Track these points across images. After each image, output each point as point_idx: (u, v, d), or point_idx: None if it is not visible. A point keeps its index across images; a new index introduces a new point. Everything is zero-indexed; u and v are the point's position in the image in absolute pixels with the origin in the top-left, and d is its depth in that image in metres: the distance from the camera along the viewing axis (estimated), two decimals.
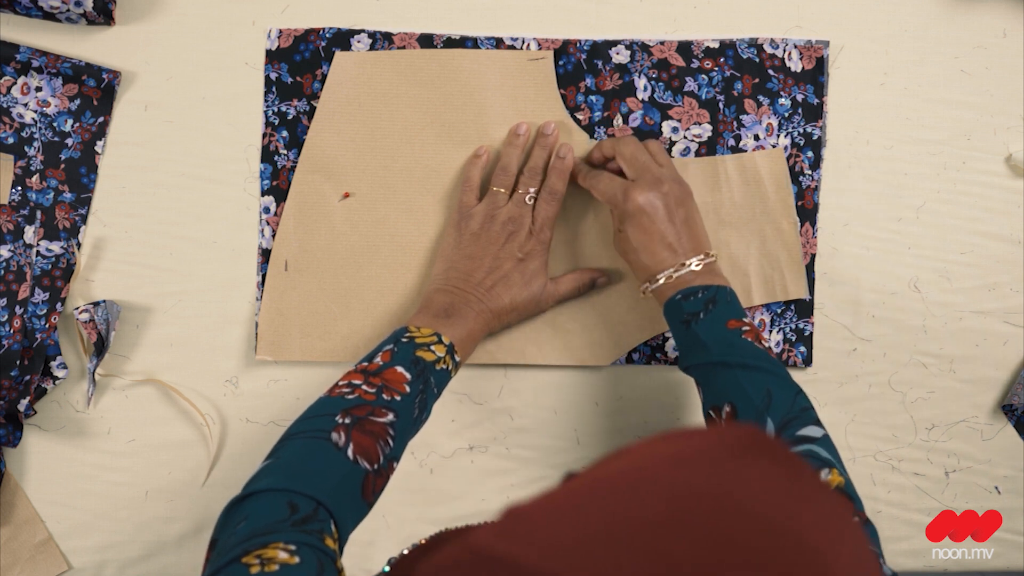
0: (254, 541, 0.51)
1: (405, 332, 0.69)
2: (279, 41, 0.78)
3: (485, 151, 0.77)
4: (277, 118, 0.78)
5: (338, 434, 0.60)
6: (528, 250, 0.74)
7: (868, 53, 0.80)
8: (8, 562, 0.79)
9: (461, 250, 0.74)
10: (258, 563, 0.49)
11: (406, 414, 0.64)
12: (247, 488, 0.58)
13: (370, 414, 0.62)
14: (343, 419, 0.61)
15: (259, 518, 0.54)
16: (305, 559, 0.51)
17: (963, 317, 0.81)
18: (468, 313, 0.72)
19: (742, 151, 0.79)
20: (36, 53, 0.76)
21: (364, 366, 0.66)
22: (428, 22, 0.79)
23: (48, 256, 0.77)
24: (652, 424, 0.81)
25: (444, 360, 0.68)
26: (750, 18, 0.79)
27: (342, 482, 0.58)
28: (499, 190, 0.75)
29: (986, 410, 0.82)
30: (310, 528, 0.54)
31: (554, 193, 0.76)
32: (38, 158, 0.77)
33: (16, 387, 0.76)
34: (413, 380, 0.65)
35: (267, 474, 0.58)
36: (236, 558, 0.50)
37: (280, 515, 0.54)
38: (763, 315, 0.80)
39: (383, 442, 0.62)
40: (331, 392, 0.64)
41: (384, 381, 0.64)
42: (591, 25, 0.79)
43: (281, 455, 0.60)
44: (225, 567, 0.50)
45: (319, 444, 0.60)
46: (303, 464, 0.59)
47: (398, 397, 0.64)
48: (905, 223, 0.81)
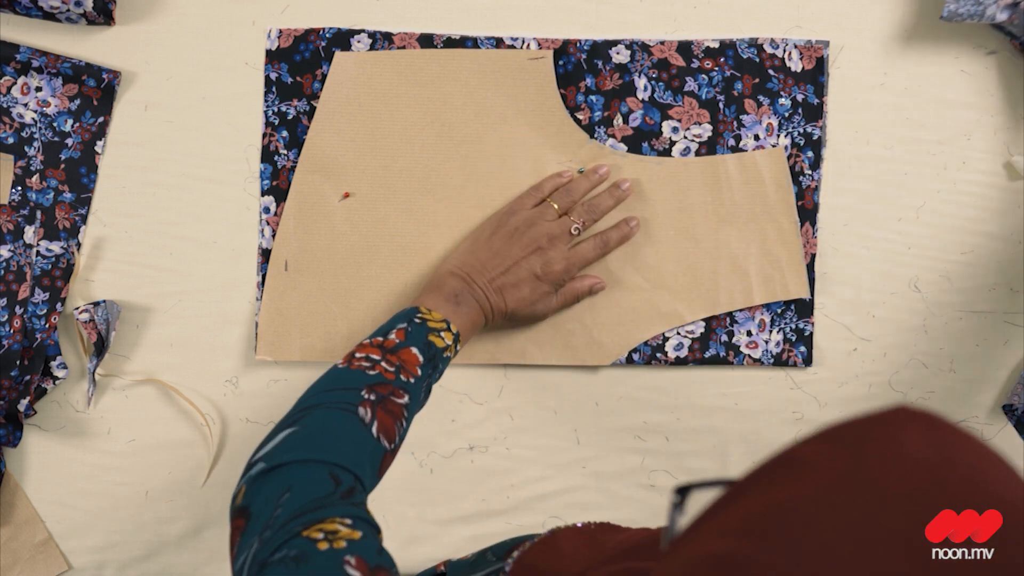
0: (311, 516, 0.51)
1: (417, 313, 0.68)
2: (279, 41, 0.78)
3: (569, 176, 0.77)
4: (277, 118, 0.78)
5: (364, 409, 0.59)
6: (549, 272, 0.74)
7: (868, 53, 0.80)
8: (8, 562, 0.79)
9: (490, 243, 0.74)
10: (323, 538, 0.49)
11: (416, 398, 0.64)
12: (274, 456, 0.56)
13: (391, 394, 0.62)
14: (368, 395, 0.60)
15: (306, 491, 0.53)
16: (365, 534, 0.50)
17: (963, 317, 0.81)
18: (473, 304, 0.72)
19: (742, 151, 0.79)
20: (36, 53, 0.76)
21: (380, 341, 0.65)
22: (428, 22, 0.78)
23: (48, 256, 0.77)
24: (652, 424, 0.81)
25: (450, 349, 0.68)
26: (750, 18, 0.79)
27: (369, 457, 0.58)
28: (554, 205, 0.75)
29: (986, 410, 0.82)
30: (357, 501, 0.54)
31: (604, 245, 0.77)
32: (38, 158, 0.77)
33: (16, 387, 0.76)
34: (424, 364, 0.65)
35: (297, 444, 0.57)
36: (296, 533, 0.50)
37: (326, 489, 0.53)
38: (763, 315, 0.80)
39: (399, 423, 0.61)
40: (349, 364, 0.63)
41: (401, 361, 0.64)
42: (591, 25, 0.79)
43: (308, 425, 0.59)
44: (289, 541, 0.49)
45: (347, 418, 0.59)
46: (336, 436, 0.58)
47: (412, 380, 0.64)
48: (905, 223, 0.81)
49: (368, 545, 0.50)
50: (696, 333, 0.80)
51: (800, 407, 0.81)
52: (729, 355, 0.80)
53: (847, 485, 0.33)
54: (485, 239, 0.75)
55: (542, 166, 0.78)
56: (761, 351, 0.80)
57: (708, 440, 0.81)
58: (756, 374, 0.81)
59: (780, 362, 0.80)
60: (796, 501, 0.33)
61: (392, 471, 0.81)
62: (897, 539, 0.31)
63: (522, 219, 0.74)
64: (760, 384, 0.81)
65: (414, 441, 0.81)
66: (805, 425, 0.81)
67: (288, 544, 0.49)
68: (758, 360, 0.80)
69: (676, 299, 0.79)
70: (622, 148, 0.79)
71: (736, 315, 0.80)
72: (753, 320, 0.80)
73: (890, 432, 0.34)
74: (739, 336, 0.80)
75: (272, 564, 0.49)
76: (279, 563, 0.48)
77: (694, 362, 0.80)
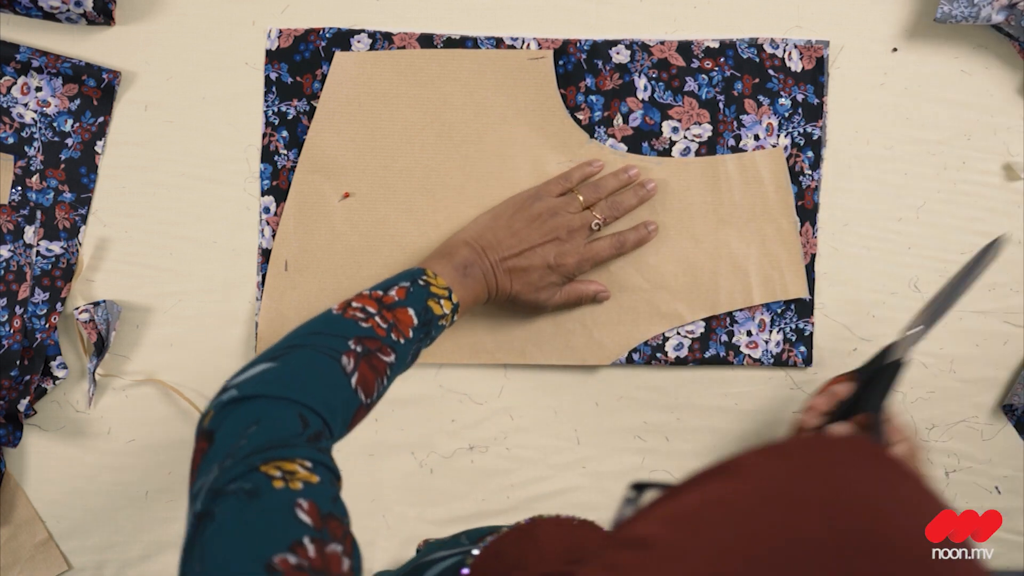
0: (273, 453, 0.50)
1: (423, 275, 0.68)
2: (279, 41, 0.78)
3: (600, 166, 0.77)
4: (277, 118, 0.78)
5: (348, 359, 0.59)
6: (561, 263, 0.74)
7: (868, 53, 0.80)
8: (8, 562, 0.79)
9: (511, 222, 0.74)
10: (280, 476, 0.49)
11: (402, 359, 0.64)
12: (247, 387, 0.56)
13: (378, 350, 0.61)
14: (355, 346, 0.60)
15: (273, 428, 0.53)
16: (323, 479, 0.50)
17: (963, 317, 0.81)
18: (480, 279, 0.71)
19: (742, 151, 0.79)
20: (36, 53, 0.76)
21: (379, 295, 0.65)
22: (428, 22, 0.79)
23: (48, 256, 0.77)
24: (652, 424, 0.81)
25: (447, 318, 0.68)
26: (750, 18, 0.79)
27: (342, 406, 0.58)
28: (579, 197, 0.76)
29: (986, 410, 0.82)
30: (322, 446, 0.53)
31: (621, 245, 0.77)
32: (38, 158, 0.77)
33: (16, 387, 0.76)
34: (418, 327, 0.65)
35: (273, 379, 0.56)
36: (255, 467, 0.49)
37: (294, 429, 0.53)
38: (763, 315, 0.80)
39: (380, 380, 0.61)
40: (344, 312, 0.63)
41: (395, 319, 0.64)
42: (591, 25, 0.79)
43: (289, 363, 0.58)
44: (246, 474, 0.49)
45: (329, 363, 0.58)
46: (313, 378, 0.57)
47: (402, 340, 0.63)
48: (905, 223, 0.81)
49: (324, 492, 0.49)
50: (696, 333, 0.80)
51: (800, 407, 0.81)
52: (729, 355, 0.80)
53: (774, 492, 0.35)
54: (506, 218, 0.74)
55: (542, 166, 0.78)
56: (761, 351, 0.80)
57: (708, 440, 0.81)
58: (756, 374, 0.81)
59: (780, 362, 0.80)
60: (725, 499, 0.36)
61: (392, 471, 0.81)
62: (810, 547, 0.33)
63: (546, 206, 0.74)
64: (760, 384, 0.81)
65: (414, 441, 0.81)
66: None
67: (245, 477, 0.49)
68: (758, 360, 0.80)
69: (676, 299, 0.79)
70: (622, 148, 0.79)
71: (736, 315, 0.80)
72: (753, 320, 0.80)
73: (830, 456, 0.36)
74: (739, 336, 0.80)
75: (226, 494, 0.48)
76: (232, 494, 0.48)
77: (694, 362, 0.80)
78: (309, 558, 0.45)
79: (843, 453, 0.36)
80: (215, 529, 0.47)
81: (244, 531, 0.47)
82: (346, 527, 0.49)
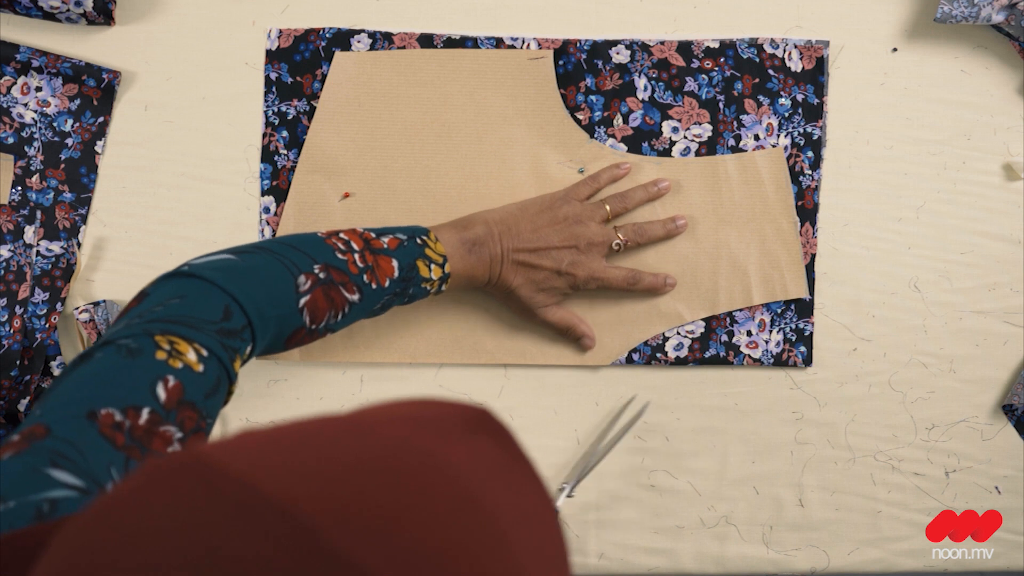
0: (175, 327, 0.51)
1: (423, 235, 0.68)
2: (279, 41, 0.78)
3: (627, 169, 0.77)
4: (277, 118, 0.78)
5: (305, 279, 0.59)
6: (572, 273, 0.74)
7: (868, 53, 0.80)
8: None
9: (535, 218, 0.74)
10: (167, 352, 0.49)
11: (369, 303, 0.64)
12: (196, 268, 0.56)
13: (343, 284, 0.61)
14: (319, 272, 0.60)
15: (192, 307, 0.53)
16: (208, 372, 0.50)
17: (963, 317, 0.81)
18: (484, 261, 0.71)
19: (742, 151, 0.79)
20: (36, 53, 0.76)
21: (370, 237, 0.65)
22: (428, 22, 0.79)
23: (48, 256, 0.77)
24: (652, 424, 0.81)
25: (432, 283, 0.68)
26: (750, 18, 0.79)
27: (278, 319, 0.58)
28: (606, 208, 0.75)
29: (986, 410, 0.82)
30: (229, 344, 0.53)
31: (634, 283, 0.76)
32: (38, 158, 0.77)
33: (16, 387, 0.76)
34: (396, 281, 0.65)
35: (221, 267, 0.57)
36: (151, 332, 0.50)
37: (211, 316, 0.53)
38: (763, 315, 0.80)
39: (333, 313, 0.61)
40: (327, 238, 0.63)
41: (375, 264, 0.64)
42: (591, 25, 0.79)
43: (246, 260, 0.58)
44: (138, 335, 0.50)
45: (284, 274, 0.59)
46: (259, 282, 0.57)
47: (374, 285, 0.64)
48: (905, 223, 0.81)
49: (199, 382, 0.49)
50: (696, 333, 0.80)
51: (800, 407, 0.81)
52: (729, 355, 0.80)
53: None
54: (532, 213, 0.74)
55: (542, 166, 0.78)
56: (761, 351, 0.80)
57: (708, 440, 0.81)
58: (756, 374, 0.81)
59: (780, 362, 0.80)
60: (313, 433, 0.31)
61: None
62: None
63: (573, 212, 0.74)
64: (760, 384, 0.81)
65: None
66: (805, 425, 0.81)
67: (137, 337, 0.50)
68: (758, 360, 0.80)
69: (676, 299, 0.79)
70: (622, 148, 0.79)
71: (736, 315, 0.80)
72: (753, 320, 0.80)
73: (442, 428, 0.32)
74: (739, 336, 0.80)
75: (111, 345, 0.49)
76: (115, 347, 0.49)
77: (694, 362, 0.80)
78: (136, 425, 0.45)
79: (453, 416, 0.32)
80: (80, 371, 0.48)
81: (99, 379, 0.47)
82: (201, 425, 0.49)
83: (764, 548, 0.81)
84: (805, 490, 0.81)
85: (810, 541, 0.81)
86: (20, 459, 0.42)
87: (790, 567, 0.81)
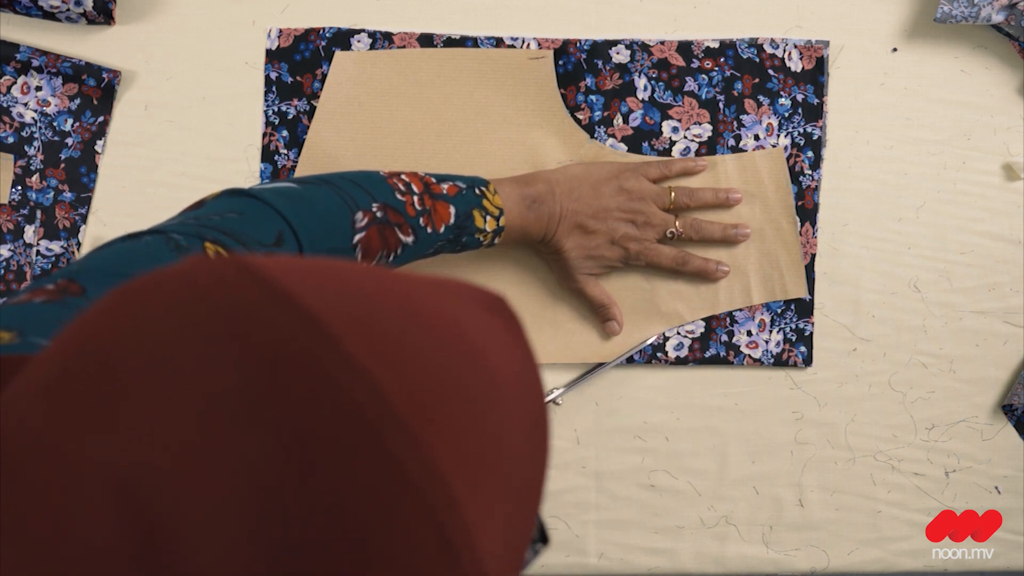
0: (228, 240, 0.51)
1: (483, 186, 0.68)
2: (279, 41, 0.78)
3: (703, 166, 0.77)
4: (277, 118, 0.78)
5: (363, 216, 0.59)
6: (623, 245, 0.74)
7: (868, 53, 0.80)
8: None
9: (599, 185, 0.74)
10: (214, 253, 0.48)
11: (422, 247, 0.64)
12: (258, 191, 0.56)
13: (398, 225, 0.61)
14: (377, 210, 0.60)
15: (248, 224, 0.53)
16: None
17: (963, 317, 0.81)
18: (542, 217, 0.71)
19: (742, 151, 0.79)
20: (36, 53, 0.76)
21: (431, 181, 0.65)
22: (428, 22, 0.79)
23: (48, 256, 0.77)
24: (652, 424, 0.81)
25: (486, 235, 0.68)
26: (750, 18, 0.79)
27: (330, 252, 0.58)
28: (672, 195, 0.76)
29: (986, 410, 0.82)
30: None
31: (683, 263, 0.76)
32: (38, 158, 0.77)
33: None
34: (450, 227, 0.65)
35: (284, 194, 0.57)
36: (203, 236, 0.50)
37: (264, 238, 0.53)
38: (763, 315, 0.80)
39: (386, 252, 0.61)
40: (389, 178, 0.63)
41: (433, 208, 0.63)
42: (591, 25, 0.79)
43: (307, 191, 0.58)
44: (190, 235, 0.50)
45: (342, 208, 0.58)
46: (316, 213, 0.57)
47: (429, 230, 0.63)
48: (905, 223, 0.81)
49: None
50: (696, 333, 0.80)
51: (800, 407, 0.81)
52: (729, 355, 0.80)
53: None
54: (597, 178, 0.74)
55: (542, 166, 0.78)
56: (761, 351, 0.80)
57: (708, 440, 0.81)
58: (756, 374, 0.81)
59: (780, 362, 0.80)
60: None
61: None
62: None
63: (638, 187, 0.74)
64: (760, 384, 0.81)
65: None
66: (805, 425, 0.81)
67: (189, 236, 0.50)
68: (758, 360, 0.80)
69: (676, 299, 0.79)
70: (622, 148, 0.79)
71: (736, 315, 0.80)
72: (753, 320, 0.80)
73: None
74: (739, 336, 0.80)
75: (162, 235, 0.49)
76: (166, 237, 0.49)
77: (694, 362, 0.80)
78: None
79: (470, 294, 0.34)
80: (126, 246, 0.48)
81: (143, 258, 0.47)
82: None
83: (764, 548, 0.81)
84: (805, 490, 0.81)
85: (810, 541, 0.81)
86: (54, 307, 0.42)
87: (790, 567, 0.81)
